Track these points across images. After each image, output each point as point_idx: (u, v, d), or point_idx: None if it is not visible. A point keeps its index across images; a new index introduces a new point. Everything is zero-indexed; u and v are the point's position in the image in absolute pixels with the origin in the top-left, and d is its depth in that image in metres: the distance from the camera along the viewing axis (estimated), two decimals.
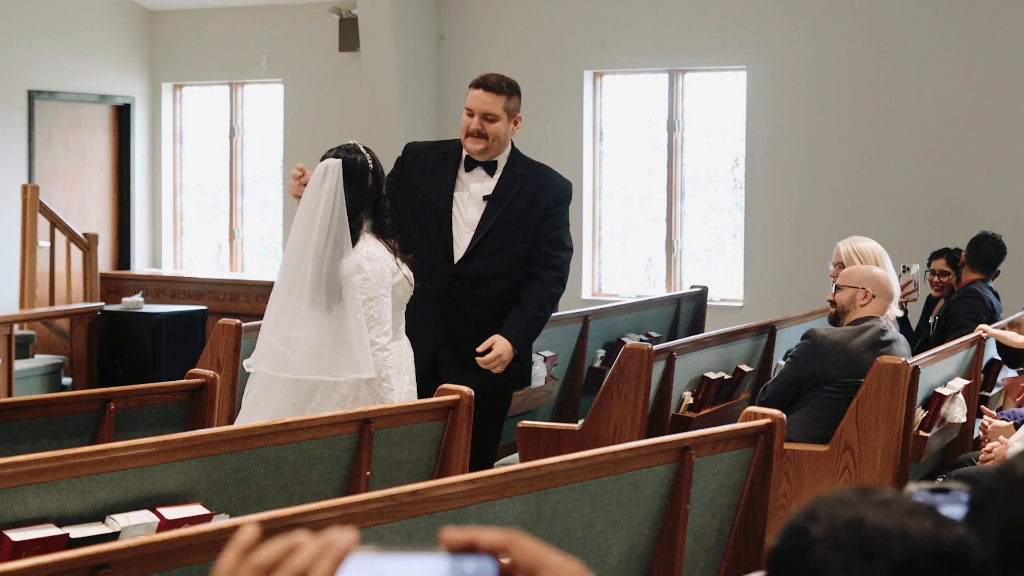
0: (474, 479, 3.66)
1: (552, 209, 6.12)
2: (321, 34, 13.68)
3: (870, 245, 7.06)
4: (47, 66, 13.73)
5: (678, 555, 4.23)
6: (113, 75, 14.50)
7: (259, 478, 4.39)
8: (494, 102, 6.10)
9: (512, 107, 6.14)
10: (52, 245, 12.08)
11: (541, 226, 6.06)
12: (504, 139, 6.13)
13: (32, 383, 10.89)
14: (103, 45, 14.38)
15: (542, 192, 6.11)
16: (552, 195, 6.14)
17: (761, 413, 4.50)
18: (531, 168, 6.20)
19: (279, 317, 5.40)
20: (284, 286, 5.43)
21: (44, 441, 4.94)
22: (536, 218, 6.07)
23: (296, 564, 1.39)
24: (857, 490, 1.59)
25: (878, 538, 1.53)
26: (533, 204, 6.08)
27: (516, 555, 1.42)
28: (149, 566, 3.00)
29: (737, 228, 12.23)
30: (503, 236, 6.01)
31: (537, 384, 7.99)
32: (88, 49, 14.19)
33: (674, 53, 12.24)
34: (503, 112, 6.10)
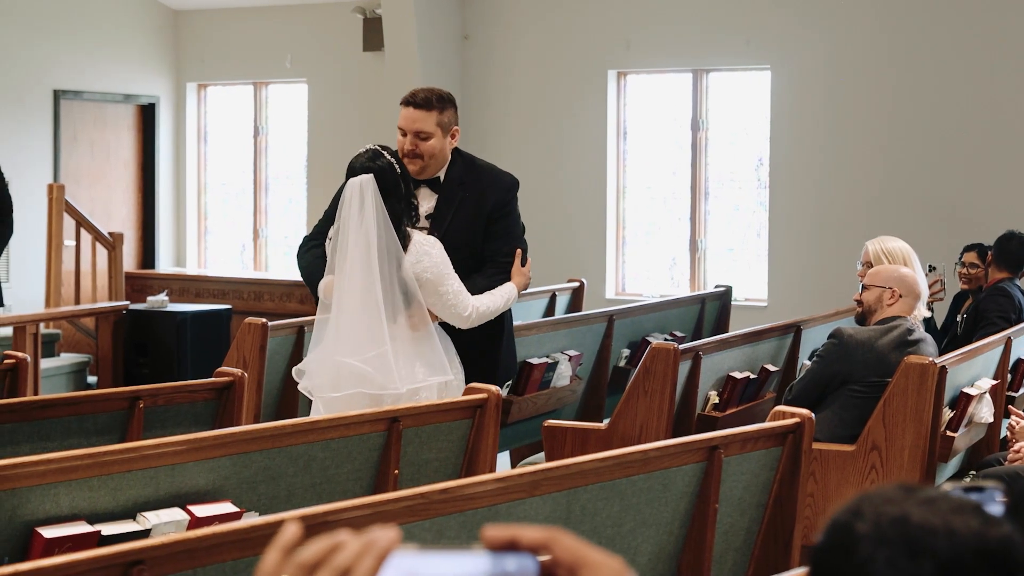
0: (504, 477, 3.67)
1: (498, 211, 5.96)
2: (345, 34, 13.70)
3: (898, 245, 7.05)
4: (72, 66, 13.78)
5: (707, 554, 4.23)
6: (138, 75, 14.54)
7: (288, 476, 4.40)
8: (425, 119, 5.84)
9: (446, 121, 5.88)
10: (77, 244, 12.11)
11: (490, 230, 5.93)
12: (443, 155, 5.90)
13: (58, 382, 10.93)
14: (128, 45, 14.42)
15: (486, 197, 5.94)
16: (496, 198, 5.97)
17: (790, 412, 4.49)
18: (471, 173, 5.99)
19: (360, 339, 5.48)
20: (356, 308, 5.49)
21: (74, 439, 4.96)
22: (483, 224, 5.93)
23: (339, 562, 1.39)
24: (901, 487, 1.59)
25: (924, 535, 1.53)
26: (478, 211, 5.92)
27: (557, 552, 1.42)
28: (183, 563, 3.01)
29: (761, 227, 12.22)
30: (452, 252, 5.76)
31: (562, 383, 7.99)
32: (113, 49, 14.23)
33: (698, 52, 12.23)
34: (436, 128, 5.85)
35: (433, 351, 5.60)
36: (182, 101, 14.94)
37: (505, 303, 5.84)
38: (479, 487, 3.62)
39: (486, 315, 5.75)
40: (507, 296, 5.85)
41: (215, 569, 3.08)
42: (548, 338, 8.00)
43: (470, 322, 5.70)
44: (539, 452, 7.77)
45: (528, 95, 12.95)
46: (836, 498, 6.03)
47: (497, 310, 5.81)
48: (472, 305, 5.67)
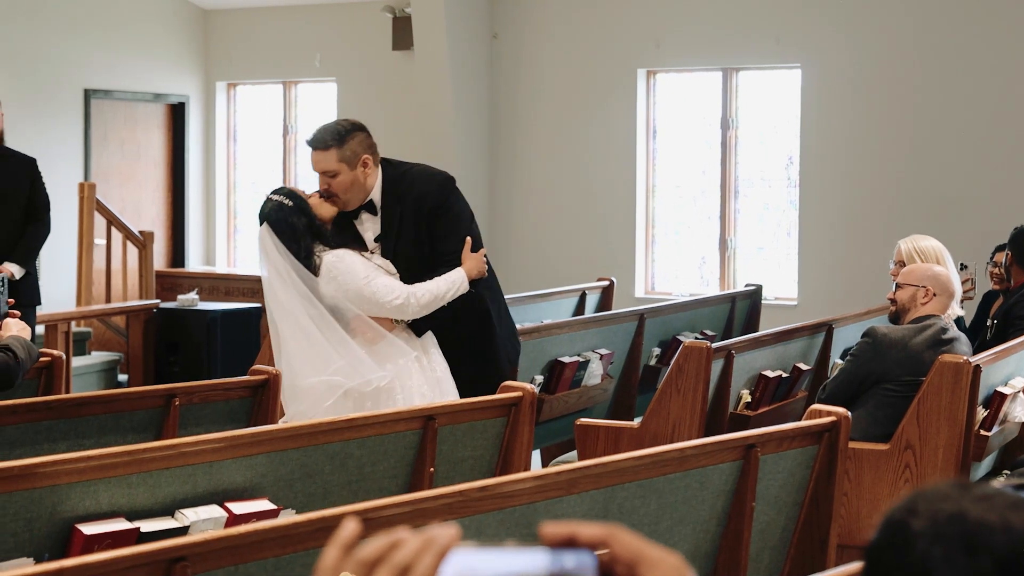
0: (542, 475, 3.67)
1: (437, 212, 5.92)
2: (374, 33, 13.72)
3: (931, 243, 7.03)
4: (103, 65, 13.82)
5: (743, 553, 4.23)
6: (168, 74, 14.59)
7: (324, 474, 4.41)
8: (325, 159, 5.78)
9: (348, 154, 5.75)
10: (108, 243, 12.15)
11: (435, 233, 5.91)
12: (360, 185, 5.82)
13: (89, 380, 10.97)
14: (158, 44, 14.47)
15: (422, 203, 5.90)
16: (431, 202, 5.91)
17: (826, 411, 4.49)
18: (403, 184, 5.92)
19: (313, 362, 5.72)
20: (297, 339, 5.75)
21: (110, 436, 4.98)
22: (427, 230, 5.91)
23: (399, 559, 1.40)
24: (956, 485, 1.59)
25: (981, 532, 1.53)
26: (418, 219, 5.90)
27: (616, 548, 1.42)
28: (225, 560, 3.02)
29: (791, 226, 12.20)
30: (408, 266, 5.84)
31: (593, 382, 7.99)
32: (143, 48, 14.28)
33: (728, 51, 12.22)
34: (339, 164, 5.75)
35: (397, 351, 5.75)
36: (212, 100, 14.98)
37: (451, 286, 5.79)
38: (517, 485, 3.62)
39: (429, 298, 5.72)
40: (453, 280, 5.80)
41: (257, 566, 3.09)
42: (579, 337, 8.00)
43: (413, 308, 5.70)
44: (570, 451, 7.77)
45: (557, 94, 12.95)
46: (870, 497, 6.02)
47: (442, 293, 5.76)
48: (406, 292, 5.68)
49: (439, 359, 5.89)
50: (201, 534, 3.03)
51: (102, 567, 2.77)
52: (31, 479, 3.69)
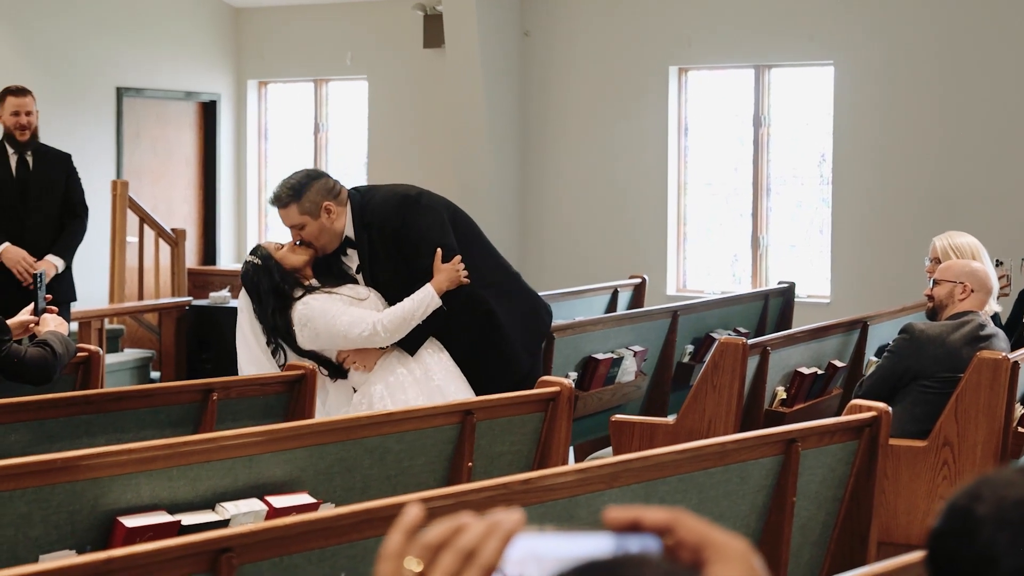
0: (584, 469, 3.67)
1: (402, 233, 6.01)
2: (405, 31, 13.73)
3: (967, 240, 7.01)
4: (135, 63, 13.86)
5: (784, 548, 4.22)
6: (199, 72, 14.62)
7: (363, 468, 4.41)
8: (288, 215, 6.02)
9: (309, 206, 5.96)
10: (141, 241, 12.19)
11: (404, 253, 6.00)
12: (328, 231, 6.00)
13: (121, 376, 10.99)
14: (189, 42, 14.50)
15: (386, 227, 6.02)
16: (393, 224, 6.01)
17: (866, 406, 4.47)
18: (366, 214, 6.03)
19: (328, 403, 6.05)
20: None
21: (148, 431, 4.99)
22: (396, 253, 6.02)
23: (464, 543, 1.39)
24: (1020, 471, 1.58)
25: None
26: (386, 243, 6.02)
27: (681, 533, 1.41)
28: (270, 551, 3.03)
29: (824, 224, 12.17)
30: (387, 290, 5.98)
31: (627, 379, 7.98)
32: (175, 46, 14.31)
33: (760, 48, 12.19)
34: (302, 217, 5.97)
35: (386, 370, 5.93)
36: (243, 98, 15.00)
37: (418, 305, 5.87)
38: (559, 478, 3.62)
39: (396, 322, 5.84)
40: (420, 299, 5.88)
41: (301, 557, 3.10)
42: (613, 333, 7.99)
43: (382, 335, 5.82)
44: (603, 448, 7.76)
45: (589, 92, 12.93)
46: (907, 494, 6.00)
47: (408, 314, 5.86)
48: (371, 321, 5.80)
49: (439, 367, 5.94)
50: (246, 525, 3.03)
51: (149, 557, 2.78)
52: (73, 472, 3.70)
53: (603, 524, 1.42)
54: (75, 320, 9.90)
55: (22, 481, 3.63)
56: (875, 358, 7.75)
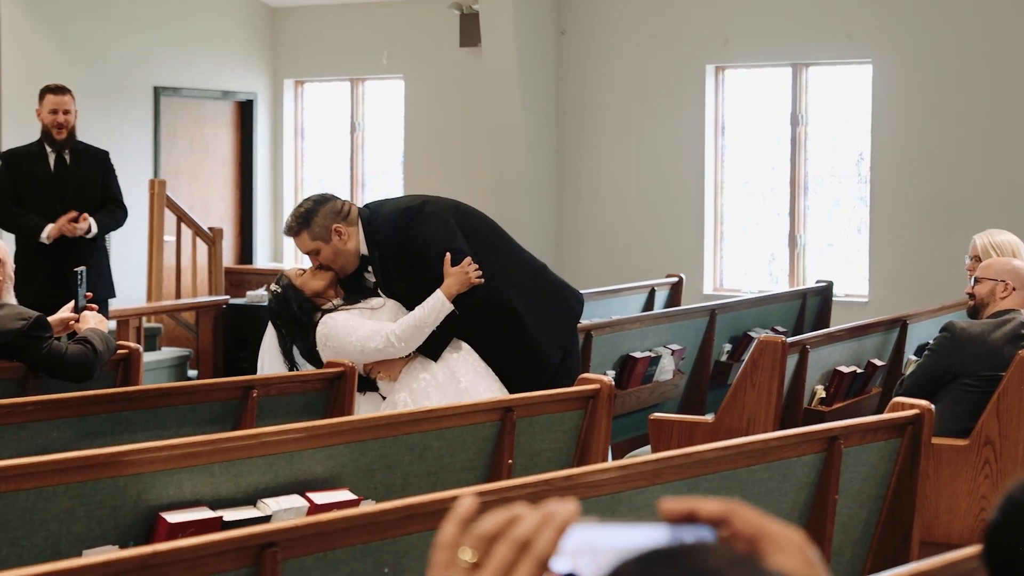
0: (627, 465, 3.66)
1: (404, 249, 6.06)
2: (442, 30, 13.73)
3: (1007, 238, 6.97)
4: (172, 63, 13.90)
5: (826, 546, 4.20)
6: (236, 72, 14.65)
7: (404, 465, 4.41)
8: (302, 242, 6.13)
9: (319, 231, 6.06)
10: (178, 239, 12.23)
11: (413, 266, 6.04)
12: (343, 253, 6.08)
13: (159, 375, 11.03)
14: (226, 42, 14.54)
15: (388, 248, 6.08)
16: (395, 243, 6.06)
17: (909, 404, 4.45)
18: (374, 232, 6.11)
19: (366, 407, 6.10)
20: None
21: (189, 427, 5.01)
22: (405, 266, 6.06)
23: (518, 534, 1.38)
24: None
25: None
26: (395, 261, 6.08)
27: (737, 524, 1.41)
28: (313, 546, 3.02)
29: (862, 223, 12.12)
30: (404, 301, 6.03)
31: (665, 377, 7.97)
32: (212, 46, 14.35)
33: (798, 47, 12.15)
34: (315, 243, 6.07)
35: (410, 376, 5.96)
36: (279, 97, 15.03)
37: (428, 312, 5.89)
38: (602, 475, 3.61)
39: (409, 331, 5.87)
40: (430, 306, 5.90)
41: (345, 552, 3.10)
42: (650, 332, 7.98)
43: (396, 346, 5.86)
44: (641, 447, 7.75)
45: (625, 90, 12.91)
46: (949, 493, 5.97)
47: (419, 322, 5.89)
48: (384, 333, 5.85)
49: (466, 369, 5.95)
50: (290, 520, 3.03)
51: (194, 552, 2.78)
52: (116, 467, 3.71)
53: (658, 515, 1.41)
54: (113, 318, 9.95)
55: (65, 476, 3.65)
56: (914, 357, 7.72)
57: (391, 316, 5.99)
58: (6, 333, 5.52)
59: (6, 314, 5.58)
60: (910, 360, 7.76)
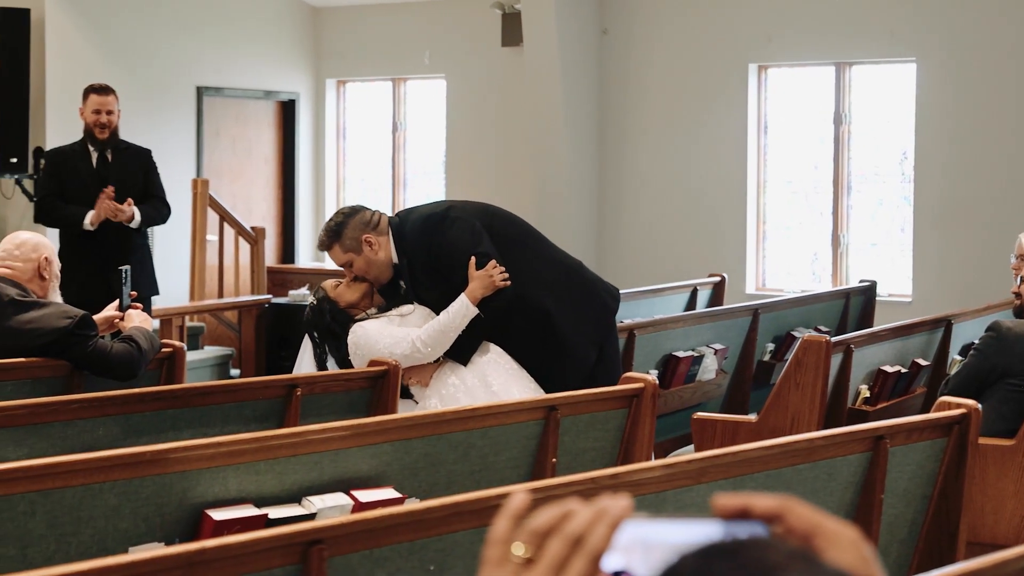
0: (672, 464, 3.65)
1: (431, 257, 6.10)
2: (484, 29, 13.73)
3: None
4: (215, 63, 13.95)
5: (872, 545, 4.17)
6: (278, 71, 14.69)
7: (448, 463, 4.41)
8: (335, 256, 6.22)
9: (350, 244, 6.13)
10: (221, 239, 12.27)
11: (440, 273, 6.07)
12: (375, 263, 6.15)
13: (202, 374, 11.07)
14: (268, 42, 14.58)
15: (417, 254, 6.13)
16: (422, 254, 6.12)
17: (955, 403, 4.42)
18: (402, 241, 6.16)
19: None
20: None
21: (233, 425, 5.02)
22: (432, 273, 6.11)
23: (572, 530, 1.38)
24: None
25: None
26: (423, 267, 6.12)
27: (791, 521, 1.40)
28: (359, 543, 3.03)
29: (905, 222, 12.06)
30: (435, 307, 6.06)
31: (707, 377, 7.95)
32: (254, 46, 14.39)
33: (841, 45, 12.10)
34: (347, 255, 6.15)
35: (440, 383, 6.01)
36: (321, 97, 15.06)
37: (453, 317, 5.92)
38: (647, 473, 3.60)
39: (435, 336, 5.91)
40: (455, 310, 5.93)
41: (391, 550, 3.10)
42: (693, 332, 7.97)
43: (422, 351, 5.91)
44: (684, 447, 7.74)
45: (668, 89, 12.89)
46: (994, 494, 5.93)
47: (446, 325, 5.92)
48: (410, 339, 5.90)
49: (498, 372, 5.97)
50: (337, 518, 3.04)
51: (241, 549, 2.78)
52: (162, 464, 3.72)
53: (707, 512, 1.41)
54: (157, 317, 9.99)
55: (111, 474, 3.66)
56: (959, 357, 7.68)
57: (420, 322, 6.02)
58: (52, 331, 5.54)
59: (52, 312, 5.61)
60: (955, 360, 7.73)
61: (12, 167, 12.07)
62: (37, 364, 5.54)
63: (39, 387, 5.49)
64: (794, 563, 1.28)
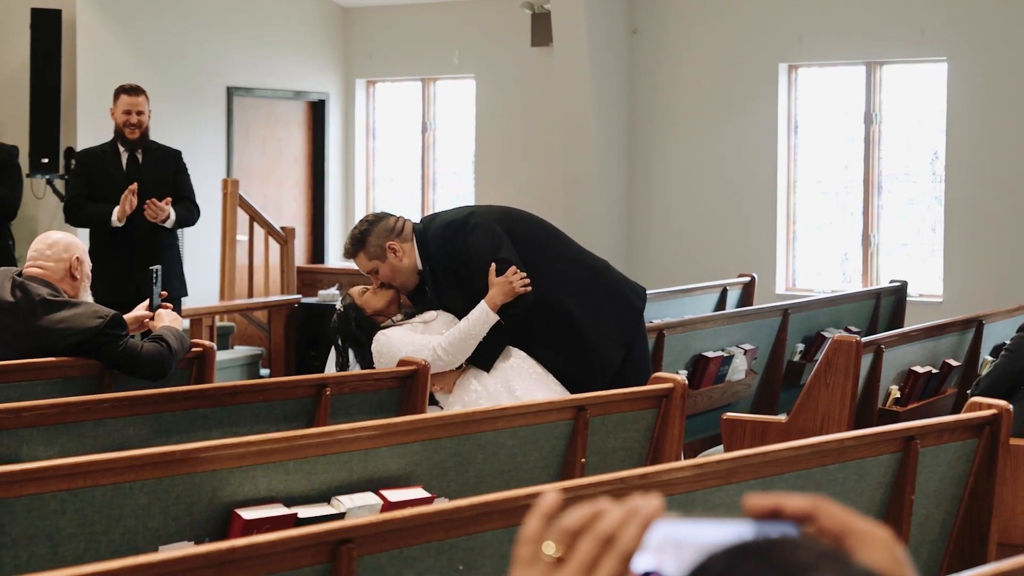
0: (701, 464, 3.64)
1: (453, 263, 6.12)
2: (513, 29, 13.73)
3: None
4: (245, 63, 13.98)
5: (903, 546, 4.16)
6: (308, 72, 14.72)
7: (477, 463, 4.41)
8: (360, 263, 6.25)
9: (374, 250, 6.16)
10: (251, 239, 12.29)
11: (463, 277, 6.09)
12: (400, 270, 6.18)
13: (231, 373, 11.09)
14: (298, 42, 14.60)
15: (437, 263, 6.15)
16: (443, 260, 6.14)
17: (986, 403, 4.40)
18: (426, 248, 6.18)
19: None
20: None
21: (263, 425, 5.03)
22: (455, 279, 6.12)
23: (603, 529, 1.37)
24: None
25: None
26: (445, 273, 6.14)
27: (823, 521, 1.39)
28: (389, 543, 3.03)
29: (936, 222, 12.01)
30: (458, 312, 6.07)
31: (737, 377, 7.94)
32: (284, 46, 14.42)
33: (871, 45, 12.06)
34: (372, 262, 6.18)
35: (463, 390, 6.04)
36: (351, 97, 15.08)
37: (473, 324, 5.94)
38: (677, 473, 3.60)
39: (455, 344, 5.94)
40: (475, 318, 5.95)
41: (420, 549, 3.10)
42: (723, 332, 7.95)
43: (443, 358, 5.93)
44: (713, 447, 7.73)
45: (697, 89, 12.87)
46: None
47: (466, 332, 5.95)
48: (431, 347, 5.92)
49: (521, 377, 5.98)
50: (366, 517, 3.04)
51: (271, 548, 2.79)
52: (192, 464, 3.73)
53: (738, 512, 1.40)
54: (186, 317, 10.01)
55: (142, 473, 3.67)
56: (990, 357, 7.65)
57: (443, 329, 6.05)
58: (83, 331, 5.56)
59: (83, 312, 5.63)
60: (986, 360, 7.70)
61: (43, 167, 12.12)
62: (68, 363, 5.56)
63: (70, 386, 5.51)
64: (825, 563, 1.27)
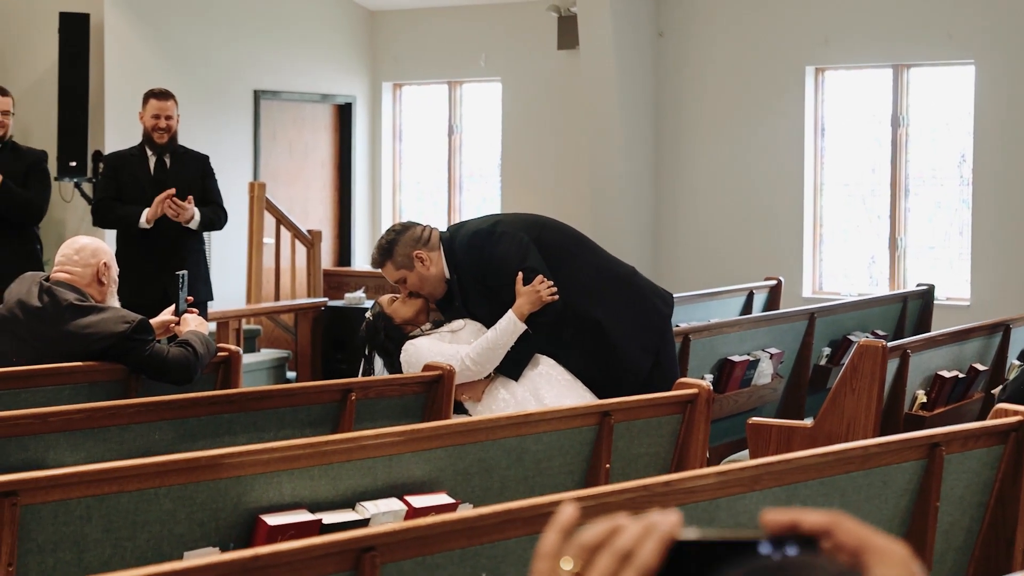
0: (725, 471, 3.64)
1: (481, 273, 6.14)
2: (540, 32, 13.73)
3: None
4: (272, 66, 14.01)
5: (927, 553, 4.15)
6: (335, 75, 14.74)
7: (501, 469, 4.42)
8: (388, 273, 6.27)
9: (401, 260, 6.18)
10: (277, 242, 12.32)
11: (491, 286, 6.11)
12: (428, 279, 6.19)
13: (258, 376, 11.11)
14: (325, 46, 14.63)
15: (464, 273, 6.17)
16: (471, 270, 6.16)
17: (1012, 410, 4.38)
18: (453, 257, 6.20)
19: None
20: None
21: (288, 430, 5.04)
22: (483, 288, 6.14)
23: (621, 544, 1.37)
24: None
25: None
26: (473, 283, 6.16)
27: (840, 536, 1.39)
28: (412, 550, 3.03)
29: (964, 225, 11.97)
30: (485, 321, 6.10)
31: (763, 381, 7.92)
32: (311, 50, 14.45)
33: (899, 47, 12.03)
34: (400, 272, 6.20)
35: (491, 399, 6.04)
36: (378, 100, 15.11)
37: (500, 334, 5.96)
38: (700, 480, 3.59)
39: (483, 354, 5.95)
40: (503, 328, 5.97)
41: (443, 557, 3.10)
42: (749, 336, 7.94)
43: (471, 368, 5.94)
44: (739, 451, 7.71)
45: (724, 92, 12.86)
46: None
47: (494, 342, 5.96)
48: (459, 356, 5.91)
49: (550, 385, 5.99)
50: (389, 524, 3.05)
51: (295, 555, 2.80)
52: (217, 470, 3.75)
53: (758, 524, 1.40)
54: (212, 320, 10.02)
55: (167, 479, 3.68)
56: (1018, 362, 7.62)
57: (471, 338, 6.07)
58: (110, 336, 5.58)
59: (110, 317, 5.65)
60: (1013, 364, 7.67)
61: (71, 171, 12.17)
62: (94, 368, 5.58)
63: (96, 391, 5.54)
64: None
